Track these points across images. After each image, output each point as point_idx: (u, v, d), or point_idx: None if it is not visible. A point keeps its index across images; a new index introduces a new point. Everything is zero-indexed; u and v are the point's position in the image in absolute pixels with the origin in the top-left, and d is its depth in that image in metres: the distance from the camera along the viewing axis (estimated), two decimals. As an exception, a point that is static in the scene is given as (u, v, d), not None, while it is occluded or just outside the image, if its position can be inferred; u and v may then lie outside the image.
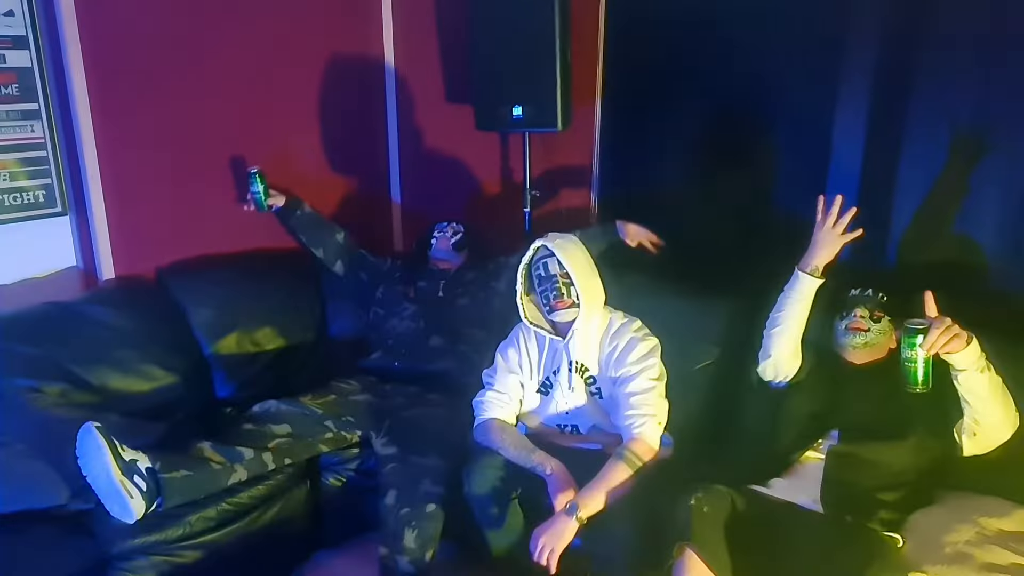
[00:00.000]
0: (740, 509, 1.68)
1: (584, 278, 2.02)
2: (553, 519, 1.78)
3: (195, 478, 1.92)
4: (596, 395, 2.04)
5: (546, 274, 2.02)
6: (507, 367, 2.11)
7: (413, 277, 2.61)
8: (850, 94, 2.38)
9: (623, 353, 1.98)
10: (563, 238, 2.07)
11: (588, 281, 2.03)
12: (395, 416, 2.24)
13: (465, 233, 2.71)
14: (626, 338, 2.00)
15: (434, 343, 2.43)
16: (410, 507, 1.99)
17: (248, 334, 2.55)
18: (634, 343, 1.99)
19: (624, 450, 1.86)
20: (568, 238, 2.09)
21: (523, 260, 2.09)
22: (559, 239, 2.05)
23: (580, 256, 2.05)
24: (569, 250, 2.03)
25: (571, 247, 2.05)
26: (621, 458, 1.84)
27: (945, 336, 1.58)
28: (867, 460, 1.77)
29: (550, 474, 1.85)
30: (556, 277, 2.00)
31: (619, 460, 1.84)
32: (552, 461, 1.88)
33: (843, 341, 1.92)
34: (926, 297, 1.67)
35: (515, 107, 2.66)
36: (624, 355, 1.98)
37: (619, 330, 2.03)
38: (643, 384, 1.93)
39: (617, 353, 1.99)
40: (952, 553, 1.59)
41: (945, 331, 1.58)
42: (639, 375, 1.94)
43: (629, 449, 1.86)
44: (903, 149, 2.32)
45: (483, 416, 2.08)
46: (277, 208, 2.63)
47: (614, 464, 1.84)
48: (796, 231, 2.52)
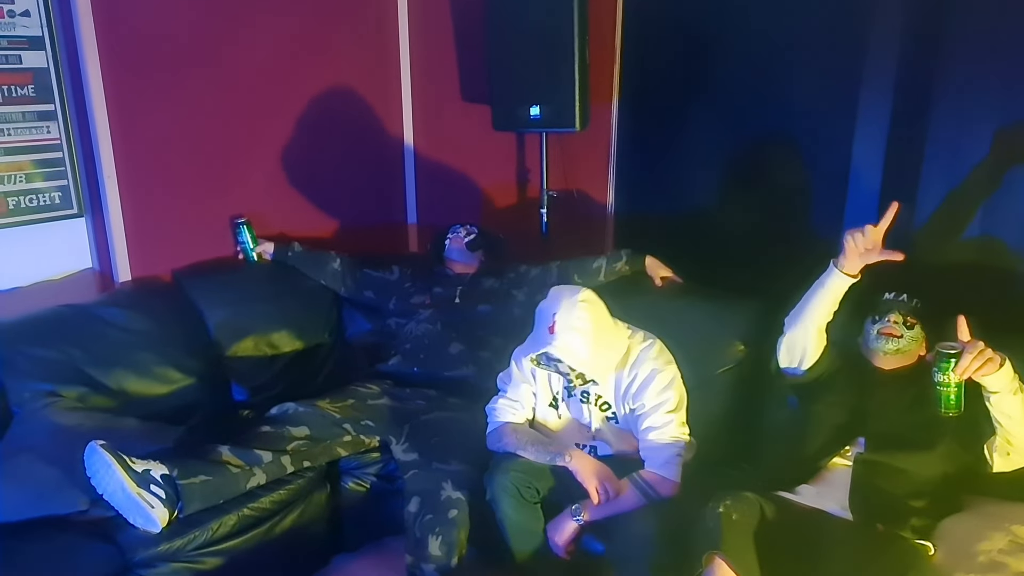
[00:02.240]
0: (769, 516, 1.66)
1: (599, 358, 1.90)
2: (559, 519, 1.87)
3: (214, 483, 1.91)
4: (612, 420, 2.02)
5: (560, 371, 2.01)
6: (521, 376, 2.09)
7: (428, 283, 2.59)
8: (872, 94, 2.37)
9: (641, 387, 1.93)
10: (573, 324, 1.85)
11: (603, 358, 1.92)
12: (415, 421, 2.22)
13: (479, 234, 2.69)
14: (646, 369, 1.94)
15: (454, 350, 2.42)
16: (434, 513, 1.98)
17: (264, 337, 2.53)
18: (653, 376, 1.93)
19: (643, 482, 1.86)
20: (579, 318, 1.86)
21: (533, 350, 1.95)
22: (568, 337, 1.84)
23: (592, 339, 1.87)
24: (581, 344, 1.85)
25: (582, 338, 1.85)
26: (638, 488, 1.85)
27: (978, 360, 1.57)
28: (895, 468, 1.74)
29: (572, 463, 1.85)
30: (570, 375, 2.00)
31: (636, 490, 1.85)
32: (571, 450, 1.88)
33: (874, 346, 1.89)
34: (959, 321, 1.65)
35: (533, 107, 2.64)
36: (642, 389, 1.93)
37: (638, 359, 1.96)
38: (661, 419, 1.90)
39: (636, 386, 1.94)
40: (986, 562, 1.57)
41: (978, 355, 1.57)
42: (657, 409, 1.91)
43: (648, 482, 1.86)
44: (926, 152, 2.30)
45: (496, 421, 2.07)
46: (270, 255, 2.67)
47: (631, 492, 1.85)
48: (817, 232, 2.53)
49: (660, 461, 1.88)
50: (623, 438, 2.00)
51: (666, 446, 1.89)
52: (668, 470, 1.87)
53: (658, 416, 1.90)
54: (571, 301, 1.90)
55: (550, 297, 1.96)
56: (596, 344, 1.88)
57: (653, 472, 1.87)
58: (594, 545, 1.91)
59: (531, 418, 2.10)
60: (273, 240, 2.68)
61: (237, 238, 2.62)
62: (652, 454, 1.90)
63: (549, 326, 1.88)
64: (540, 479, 1.91)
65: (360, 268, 2.71)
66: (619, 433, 2.00)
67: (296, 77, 2.75)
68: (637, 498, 1.84)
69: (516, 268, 2.62)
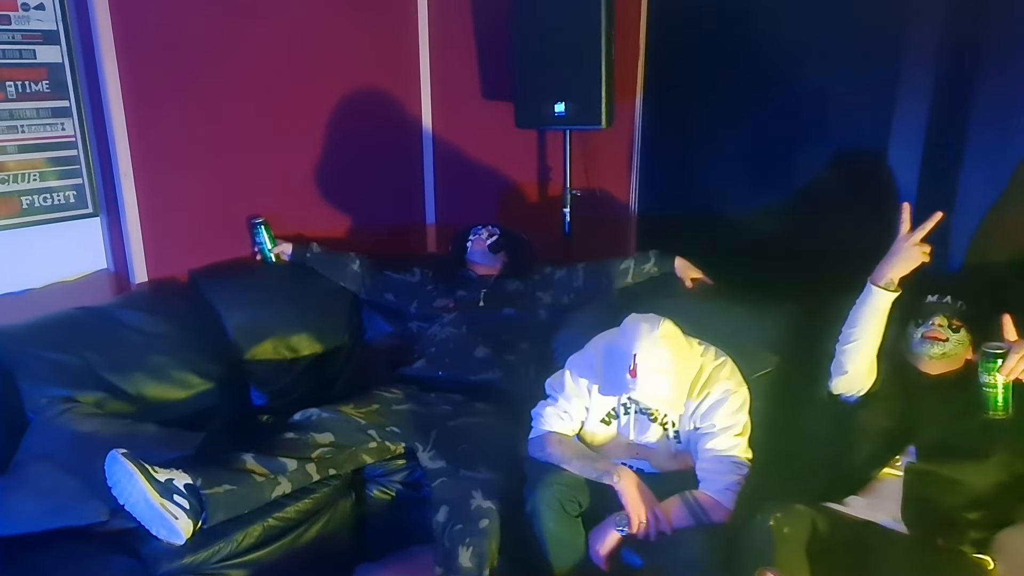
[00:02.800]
0: (821, 530, 1.59)
1: (680, 391, 1.81)
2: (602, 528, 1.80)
3: (239, 492, 1.85)
4: (674, 439, 1.93)
5: (627, 406, 1.95)
6: (576, 389, 1.98)
7: (451, 286, 2.53)
8: (910, 91, 2.29)
9: (712, 407, 1.85)
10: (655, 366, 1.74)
11: (682, 389, 1.83)
12: (441, 427, 2.16)
13: (501, 235, 2.63)
14: (719, 390, 1.85)
15: (479, 354, 2.35)
16: (463, 524, 1.91)
17: (284, 339, 2.47)
18: (726, 397, 1.84)
19: (696, 503, 1.78)
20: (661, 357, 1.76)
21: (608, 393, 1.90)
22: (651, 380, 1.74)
23: (675, 377, 1.78)
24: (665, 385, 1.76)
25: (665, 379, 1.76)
26: (689, 509, 1.77)
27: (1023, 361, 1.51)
28: (948, 478, 1.68)
29: (619, 483, 1.79)
30: (647, 412, 1.93)
31: (686, 510, 1.77)
32: (620, 469, 1.81)
33: (919, 350, 1.83)
34: (1004, 320, 1.61)
35: (558, 104, 2.58)
36: (713, 410, 1.84)
37: (711, 377, 1.87)
38: (728, 442, 1.82)
39: (706, 406, 1.85)
40: (1050, 578, 1.51)
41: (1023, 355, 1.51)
42: (726, 432, 1.83)
43: (701, 505, 1.78)
44: (965, 151, 2.23)
45: (541, 429, 1.99)
46: (288, 256, 2.60)
47: (681, 512, 1.78)
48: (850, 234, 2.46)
49: (720, 486, 1.80)
50: (677, 458, 1.92)
51: (728, 471, 1.81)
52: (726, 496, 1.79)
53: (725, 438, 1.83)
54: (651, 340, 1.77)
55: (625, 331, 1.83)
56: (677, 379, 1.80)
57: (709, 496, 1.79)
58: (632, 558, 1.84)
59: (577, 430, 2.03)
60: (291, 241, 2.62)
61: (254, 238, 2.56)
62: (712, 476, 1.81)
63: (629, 369, 1.75)
64: (581, 492, 1.84)
65: (380, 270, 2.64)
66: (675, 454, 1.93)
67: (314, 75, 2.69)
68: (686, 518, 1.77)
69: (541, 270, 2.56)
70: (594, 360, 1.97)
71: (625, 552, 1.83)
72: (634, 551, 1.83)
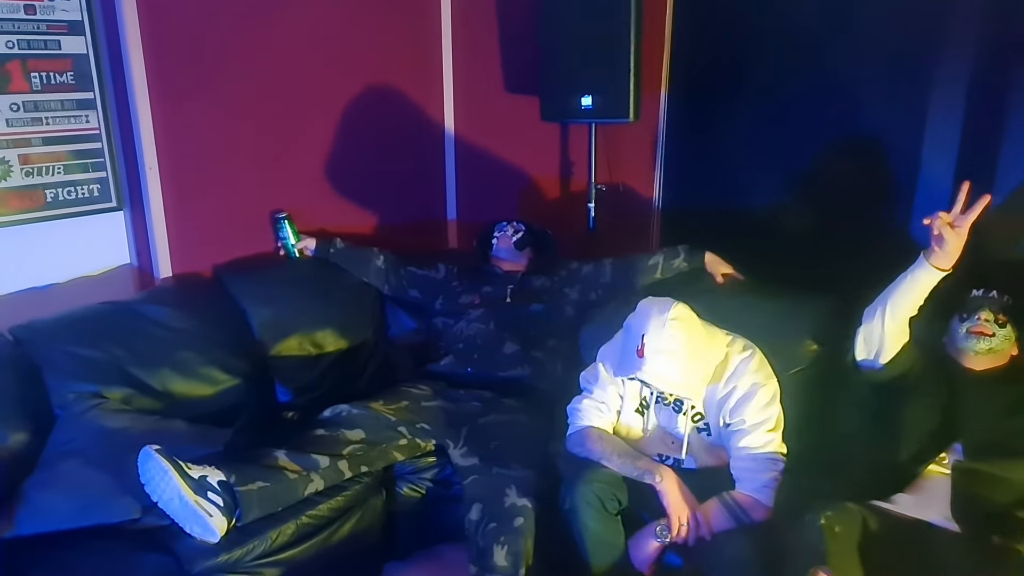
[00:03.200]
0: (872, 528, 1.57)
1: (692, 376, 1.78)
2: (641, 537, 1.78)
3: (272, 489, 1.82)
4: (704, 431, 1.90)
5: (653, 394, 1.92)
6: (609, 376, 1.97)
7: (476, 283, 2.50)
8: (945, 82, 2.26)
9: (741, 402, 1.81)
10: (664, 347, 1.73)
11: (696, 375, 1.79)
12: (472, 423, 2.13)
13: (527, 231, 2.60)
14: (746, 383, 1.81)
15: (508, 350, 2.32)
16: (497, 522, 1.88)
17: (309, 335, 2.44)
18: (755, 391, 1.80)
19: (735, 504, 1.75)
20: (670, 339, 1.74)
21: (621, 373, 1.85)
22: (658, 361, 1.72)
23: (684, 360, 1.75)
24: (672, 368, 1.74)
25: (673, 361, 1.74)
26: (729, 510, 1.74)
27: None
28: (997, 476, 1.65)
29: (661, 484, 1.76)
30: (665, 396, 1.90)
31: (726, 511, 1.75)
32: (661, 469, 1.78)
33: (964, 345, 1.80)
34: None
35: (584, 97, 2.55)
36: (742, 404, 1.81)
37: (737, 370, 1.83)
38: (761, 439, 1.78)
39: (734, 400, 1.82)
40: (1107, 577, 1.48)
41: None
42: (758, 428, 1.79)
43: (741, 505, 1.75)
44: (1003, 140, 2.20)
45: (579, 424, 1.96)
46: (312, 252, 2.56)
47: (720, 514, 1.75)
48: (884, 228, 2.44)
49: (757, 484, 1.77)
50: (712, 452, 1.89)
51: (764, 468, 1.77)
52: (764, 494, 1.76)
53: (758, 435, 1.79)
54: (660, 320, 1.75)
55: (639, 313, 1.82)
56: (689, 363, 1.76)
57: (747, 495, 1.76)
58: (673, 558, 1.82)
59: (615, 422, 2.00)
60: (314, 236, 2.58)
61: (278, 233, 2.53)
62: (748, 475, 1.78)
63: (637, 348, 1.74)
64: (620, 490, 1.81)
65: (404, 266, 2.61)
66: (709, 447, 1.90)
67: (337, 71, 2.66)
68: (726, 520, 1.74)
69: (567, 265, 2.53)
70: (617, 352, 1.95)
71: (668, 555, 1.80)
72: (675, 553, 1.80)
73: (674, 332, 1.75)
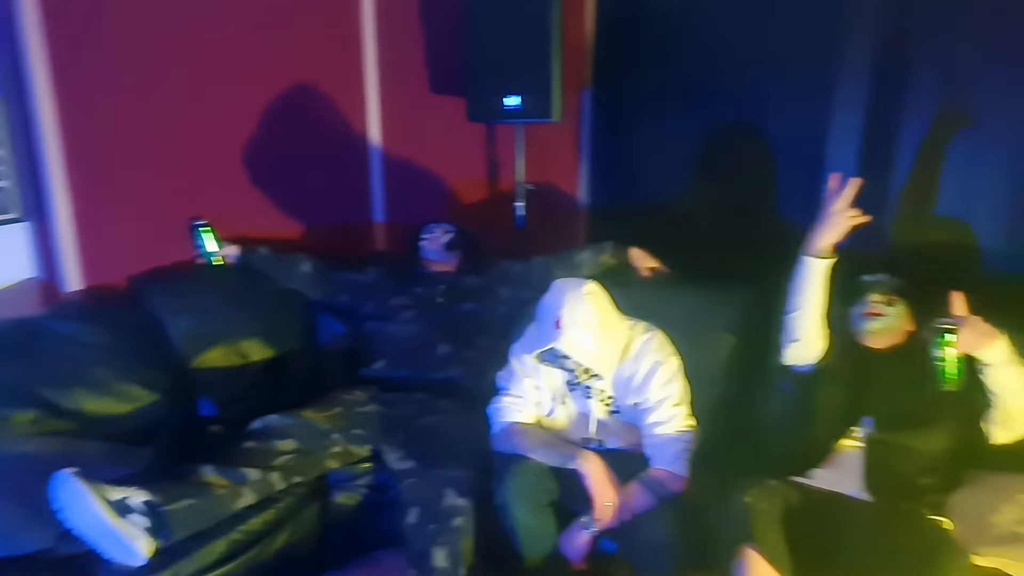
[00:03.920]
0: (793, 503, 1.65)
1: (605, 351, 1.87)
2: (570, 532, 1.81)
3: (200, 506, 1.75)
4: (616, 413, 1.98)
5: (564, 367, 1.96)
6: (523, 371, 2.02)
7: (407, 284, 2.49)
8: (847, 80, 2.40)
9: (645, 380, 1.90)
10: (579, 319, 1.82)
11: (608, 351, 1.88)
12: (408, 427, 2.12)
13: (456, 233, 2.60)
14: (648, 362, 1.91)
15: (441, 351, 2.32)
16: (437, 523, 1.88)
17: (233, 345, 2.36)
18: (656, 368, 1.90)
19: (653, 480, 1.82)
20: (585, 312, 1.84)
21: (537, 347, 1.91)
22: (575, 332, 1.81)
23: (599, 332, 1.84)
24: (588, 339, 1.83)
25: (589, 332, 1.83)
26: (648, 488, 1.80)
27: (974, 335, 1.59)
28: (904, 446, 1.77)
29: (586, 469, 1.80)
30: (576, 371, 1.95)
31: (646, 490, 1.80)
32: (584, 453, 1.83)
33: (861, 327, 1.92)
34: (954, 297, 1.68)
35: (510, 97, 2.57)
36: (646, 382, 1.90)
37: (640, 351, 1.93)
38: (667, 413, 1.87)
39: (639, 379, 1.90)
40: (1002, 534, 1.61)
41: (974, 330, 1.60)
42: (663, 403, 1.88)
43: (658, 480, 1.82)
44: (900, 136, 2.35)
45: (502, 422, 1.99)
46: (234, 259, 2.49)
47: (640, 492, 1.81)
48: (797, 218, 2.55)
49: (669, 457, 1.85)
50: (631, 431, 1.95)
51: (673, 440, 1.85)
52: (677, 465, 1.84)
53: (664, 410, 1.87)
54: (576, 294, 1.85)
55: (553, 291, 1.90)
56: (603, 337, 1.85)
57: (662, 469, 1.84)
58: (606, 544, 1.86)
59: (537, 415, 2.03)
60: (237, 243, 2.51)
61: (196, 242, 2.43)
62: (659, 451, 1.86)
63: (555, 321, 1.82)
64: (549, 480, 1.85)
65: (332, 270, 2.57)
66: (626, 426, 1.96)
67: (254, 73, 2.59)
68: (648, 499, 1.80)
69: (498, 264, 2.55)
70: (534, 339, 2.00)
71: (602, 542, 1.84)
72: (608, 538, 1.84)
73: (589, 305, 1.84)
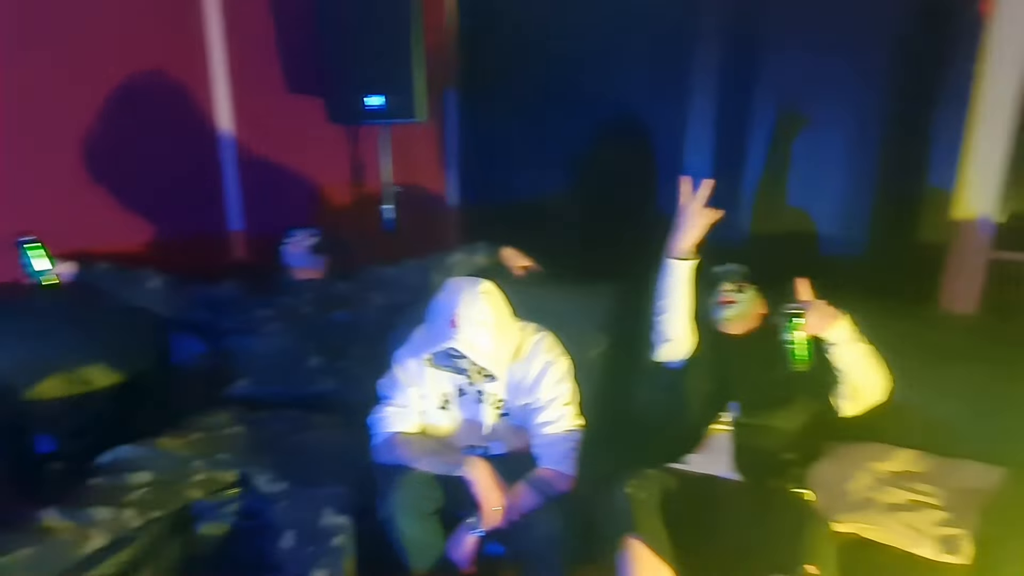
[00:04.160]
0: (671, 489, 1.70)
1: (500, 350, 1.84)
2: (457, 537, 1.77)
3: (40, 555, 1.57)
4: (506, 416, 1.96)
5: (459, 369, 1.91)
6: (407, 378, 1.96)
7: (270, 295, 2.35)
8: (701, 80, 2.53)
9: (536, 380, 1.89)
10: (475, 318, 1.79)
11: (503, 350, 1.86)
12: (279, 446, 2.00)
13: (322, 237, 2.49)
14: (540, 362, 1.90)
15: (312, 363, 2.21)
16: (315, 544, 1.78)
17: (72, 373, 2.15)
18: (547, 368, 1.90)
19: (540, 480, 1.82)
20: (481, 310, 1.81)
21: (430, 348, 1.85)
22: (471, 331, 1.78)
23: (495, 331, 1.82)
24: (484, 337, 1.80)
25: (485, 331, 1.80)
26: (536, 488, 1.80)
27: (819, 317, 1.71)
28: (766, 426, 1.87)
29: (471, 474, 1.77)
30: (469, 372, 1.91)
31: (533, 490, 1.79)
32: (470, 459, 1.80)
33: (718, 316, 2.01)
34: (799, 283, 1.79)
35: (372, 97, 2.50)
36: (537, 382, 1.89)
37: (532, 352, 1.92)
38: (556, 412, 1.88)
39: (531, 379, 1.90)
40: (857, 500, 1.73)
41: (819, 312, 1.72)
42: (553, 402, 1.88)
43: (546, 480, 1.82)
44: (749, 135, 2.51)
45: (384, 432, 1.92)
46: (69, 277, 2.19)
47: (527, 492, 1.79)
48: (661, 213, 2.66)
49: (557, 456, 1.85)
50: (518, 434, 1.94)
51: (562, 440, 1.86)
52: (565, 465, 1.85)
53: (553, 409, 1.88)
54: (472, 293, 1.83)
55: (447, 290, 1.87)
56: (498, 336, 1.83)
57: (549, 469, 1.84)
58: (493, 547, 1.83)
59: (422, 424, 1.98)
60: (73, 259, 2.25)
61: (23, 261, 2.16)
62: (548, 450, 1.86)
63: (450, 320, 1.79)
64: (435, 489, 1.81)
65: (185, 284, 2.37)
66: (515, 430, 1.95)
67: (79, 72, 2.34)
68: (535, 499, 1.79)
69: (368, 269, 2.46)
70: (419, 344, 1.96)
71: (488, 546, 1.81)
72: (495, 540, 1.82)
73: (485, 304, 1.82)
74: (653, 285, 2.05)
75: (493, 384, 1.91)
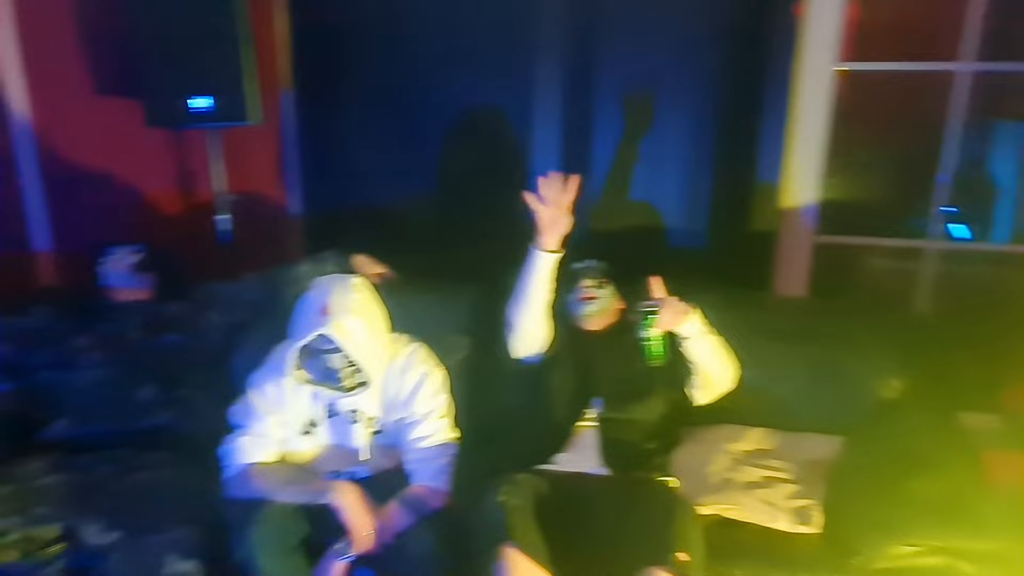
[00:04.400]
0: (543, 492, 1.68)
1: (374, 349, 1.74)
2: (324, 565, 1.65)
3: None
4: (378, 434, 1.85)
5: (329, 367, 1.76)
6: (265, 404, 1.80)
7: (87, 321, 2.10)
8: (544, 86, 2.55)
9: (412, 393, 1.81)
10: (349, 306, 1.70)
11: (376, 352, 1.76)
12: (107, 491, 1.77)
13: (147, 253, 2.26)
14: (415, 374, 1.82)
15: (143, 395, 1.99)
16: (160, 597, 1.59)
17: None
18: (423, 380, 1.82)
19: (414, 499, 1.74)
20: (354, 299, 1.73)
21: (296, 343, 1.71)
22: (344, 318, 1.68)
23: (368, 325, 1.73)
24: (359, 327, 1.70)
25: (359, 321, 1.70)
26: (409, 507, 1.72)
27: (672, 313, 1.77)
28: (629, 419, 1.90)
29: (341, 501, 1.66)
30: (338, 372, 1.76)
31: (406, 510, 1.71)
32: (337, 484, 1.69)
33: (578, 312, 2.02)
34: (653, 282, 1.83)
35: (197, 99, 2.29)
36: (412, 396, 1.81)
37: (406, 363, 1.83)
38: (432, 426, 1.81)
39: (406, 392, 1.81)
40: (717, 482, 1.80)
41: (672, 309, 1.77)
42: (428, 416, 1.81)
43: (419, 497, 1.74)
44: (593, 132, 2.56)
45: (238, 464, 1.76)
46: None
47: (400, 512, 1.71)
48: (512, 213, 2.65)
49: (431, 472, 1.78)
50: (388, 454, 1.84)
51: (436, 455, 1.79)
52: (439, 480, 1.78)
53: (429, 423, 1.80)
54: (344, 284, 1.75)
55: (317, 288, 1.75)
56: (371, 329, 1.73)
57: (424, 485, 1.77)
58: (363, 572, 1.73)
59: (281, 451, 1.82)
60: None
61: None
62: (422, 466, 1.78)
63: (321, 308, 1.68)
64: (299, 520, 1.67)
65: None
66: (385, 449, 1.84)
67: None
68: (408, 517, 1.71)
69: (203, 287, 2.26)
70: (279, 367, 1.80)
71: (357, 572, 1.70)
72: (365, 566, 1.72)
73: (358, 295, 1.74)
74: (508, 287, 2.02)
75: (366, 397, 1.79)
